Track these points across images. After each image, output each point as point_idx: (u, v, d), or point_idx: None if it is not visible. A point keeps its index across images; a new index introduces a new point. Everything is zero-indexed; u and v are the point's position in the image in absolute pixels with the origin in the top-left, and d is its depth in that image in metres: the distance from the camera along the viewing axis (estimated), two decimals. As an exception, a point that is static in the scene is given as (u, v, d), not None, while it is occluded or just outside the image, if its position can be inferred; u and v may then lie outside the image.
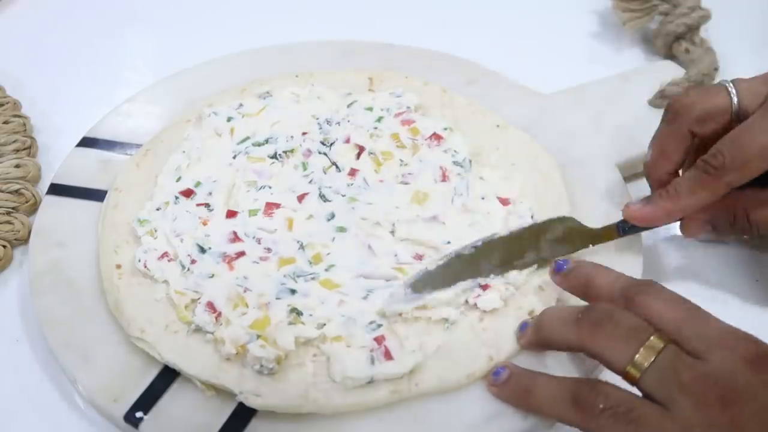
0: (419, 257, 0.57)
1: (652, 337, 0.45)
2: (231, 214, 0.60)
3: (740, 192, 0.53)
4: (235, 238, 0.58)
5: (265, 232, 0.59)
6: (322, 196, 0.61)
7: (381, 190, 0.61)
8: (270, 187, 0.62)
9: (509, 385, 0.50)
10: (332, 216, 0.59)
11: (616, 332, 0.46)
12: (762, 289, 0.59)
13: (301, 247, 0.57)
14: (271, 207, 0.60)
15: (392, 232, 0.58)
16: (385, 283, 0.55)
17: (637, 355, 0.44)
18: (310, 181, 0.62)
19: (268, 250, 0.57)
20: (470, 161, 0.63)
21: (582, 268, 0.52)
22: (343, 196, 0.61)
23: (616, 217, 0.58)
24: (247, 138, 0.65)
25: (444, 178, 0.62)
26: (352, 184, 0.61)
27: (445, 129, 0.65)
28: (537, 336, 0.51)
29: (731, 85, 0.55)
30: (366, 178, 0.62)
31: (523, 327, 0.53)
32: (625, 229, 0.57)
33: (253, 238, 0.58)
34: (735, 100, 0.54)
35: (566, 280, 0.53)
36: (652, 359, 0.44)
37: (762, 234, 0.55)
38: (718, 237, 0.59)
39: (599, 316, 0.47)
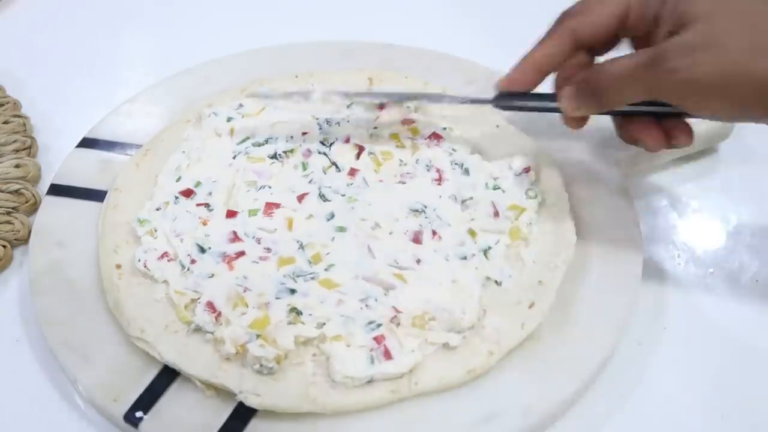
0: (418, 261, 0.57)
1: None
2: (231, 214, 0.60)
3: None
4: (235, 238, 0.58)
5: (265, 232, 0.59)
6: (322, 196, 0.61)
7: (379, 190, 0.61)
8: (270, 187, 0.61)
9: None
10: (332, 216, 0.59)
11: None
12: (762, 289, 0.59)
13: (301, 246, 0.57)
14: (270, 207, 0.60)
15: (391, 233, 0.58)
16: (384, 291, 0.55)
17: None
18: (310, 181, 0.62)
19: (268, 249, 0.57)
20: (468, 168, 0.63)
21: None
22: (343, 195, 0.61)
23: (617, 215, 0.59)
24: (247, 138, 0.65)
25: (440, 179, 0.62)
26: (351, 184, 0.61)
27: (445, 129, 0.65)
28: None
29: None
30: (365, 178, 0.62)
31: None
32: (499, 97, 0.57)
33: (253, 237, 0.58)
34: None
35: None
36: None
37: (612, 91, 0.52)
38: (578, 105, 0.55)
39: None
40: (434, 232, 0.58)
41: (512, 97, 0.57)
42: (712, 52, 0.47)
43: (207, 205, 0.61)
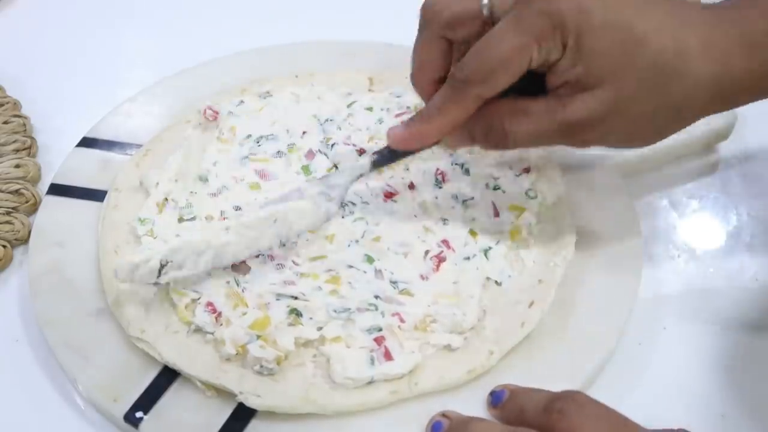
0: (424, 277, 0.56)
1: None
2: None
3: (498, 102, 0.51)
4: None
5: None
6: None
7: (388, 209, 0.60)
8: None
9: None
10: (354, 242, 0.58)
11: None
12: (762, 289, 0.59)
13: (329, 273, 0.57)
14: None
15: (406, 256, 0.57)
16: (390, 306, 0.55)
17: None
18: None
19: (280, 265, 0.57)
20: (468, 169, 0.62)
21: (514, 400, 0.49)
22: (351, 213, 0.59)
23: (617, 215, 0.58)
24: (249, 136, 0.65)
25: (444, 179, 0.62)
26: (358, 196, 0.61)
27: (445, 129, 0.65)
28: None
29: None
30: (369, 185, 0.61)
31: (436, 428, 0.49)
32: (383, 154, 0.56)
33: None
34: (485, 2, 0.51)
35: (502, 413, 0.50)
36: None
37: (518, 146, 0.52)
38: (483, 148, 0.55)
39: None
40: (448, 245, 0.58)
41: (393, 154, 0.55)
42: (618, 122, 0.49)
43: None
